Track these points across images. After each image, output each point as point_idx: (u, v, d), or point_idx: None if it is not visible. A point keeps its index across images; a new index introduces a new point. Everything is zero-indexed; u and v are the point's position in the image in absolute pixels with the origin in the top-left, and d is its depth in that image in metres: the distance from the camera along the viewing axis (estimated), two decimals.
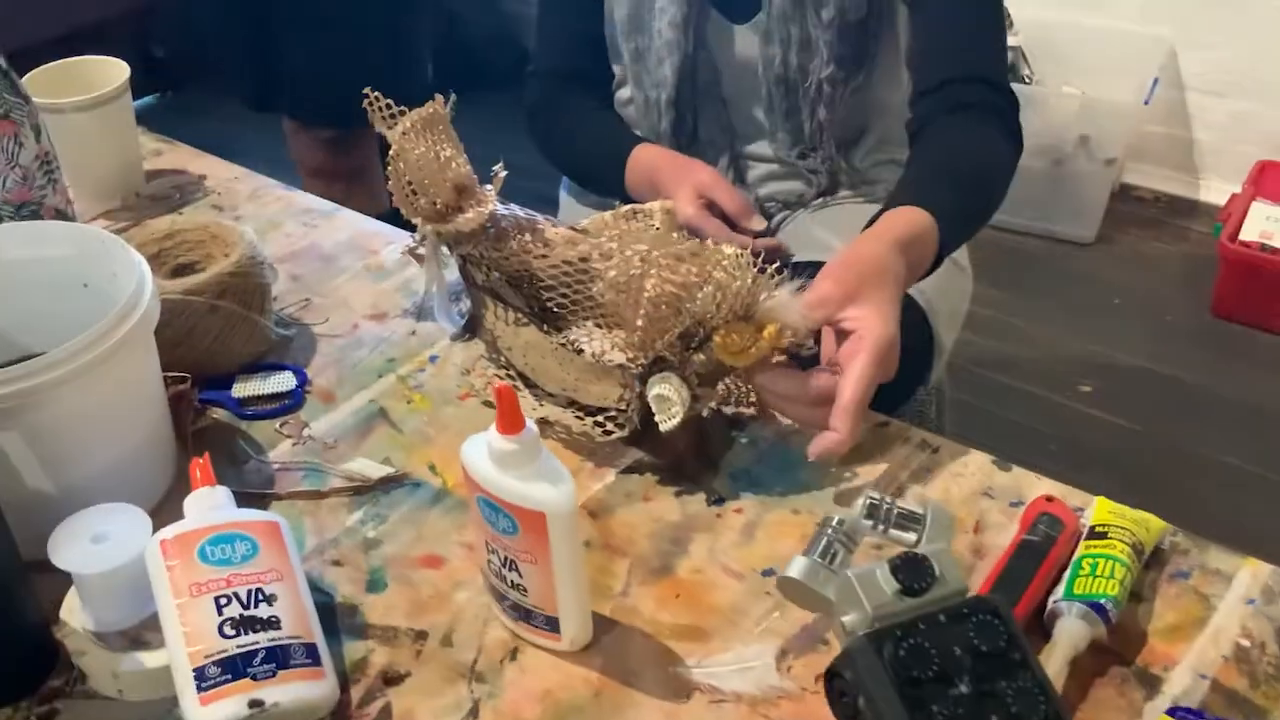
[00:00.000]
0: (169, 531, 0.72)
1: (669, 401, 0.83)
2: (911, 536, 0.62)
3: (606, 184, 1.34)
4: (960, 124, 1.12)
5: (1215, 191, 2.77)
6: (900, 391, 1.22)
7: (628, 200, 1.31)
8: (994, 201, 1.13)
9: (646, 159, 1.27)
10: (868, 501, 0.63)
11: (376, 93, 0.91)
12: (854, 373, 0.81)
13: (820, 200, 1.29)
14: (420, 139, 0.92)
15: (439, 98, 0.92)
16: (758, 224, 1.17)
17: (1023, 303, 2.45)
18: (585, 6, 1.31)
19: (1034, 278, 2.56)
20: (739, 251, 0.82)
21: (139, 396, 0.83)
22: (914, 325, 1.20)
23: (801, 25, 1.19)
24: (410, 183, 0.92)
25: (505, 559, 0.72)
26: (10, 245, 0.86)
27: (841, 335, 0.86)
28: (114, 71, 1.14)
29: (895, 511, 0.62)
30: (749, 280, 0.82)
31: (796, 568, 0.62)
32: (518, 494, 0.68)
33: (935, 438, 0.89)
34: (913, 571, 0.57)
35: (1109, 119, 2.57)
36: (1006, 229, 2.66)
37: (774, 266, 0.83)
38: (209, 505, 0.74)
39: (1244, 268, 2.34)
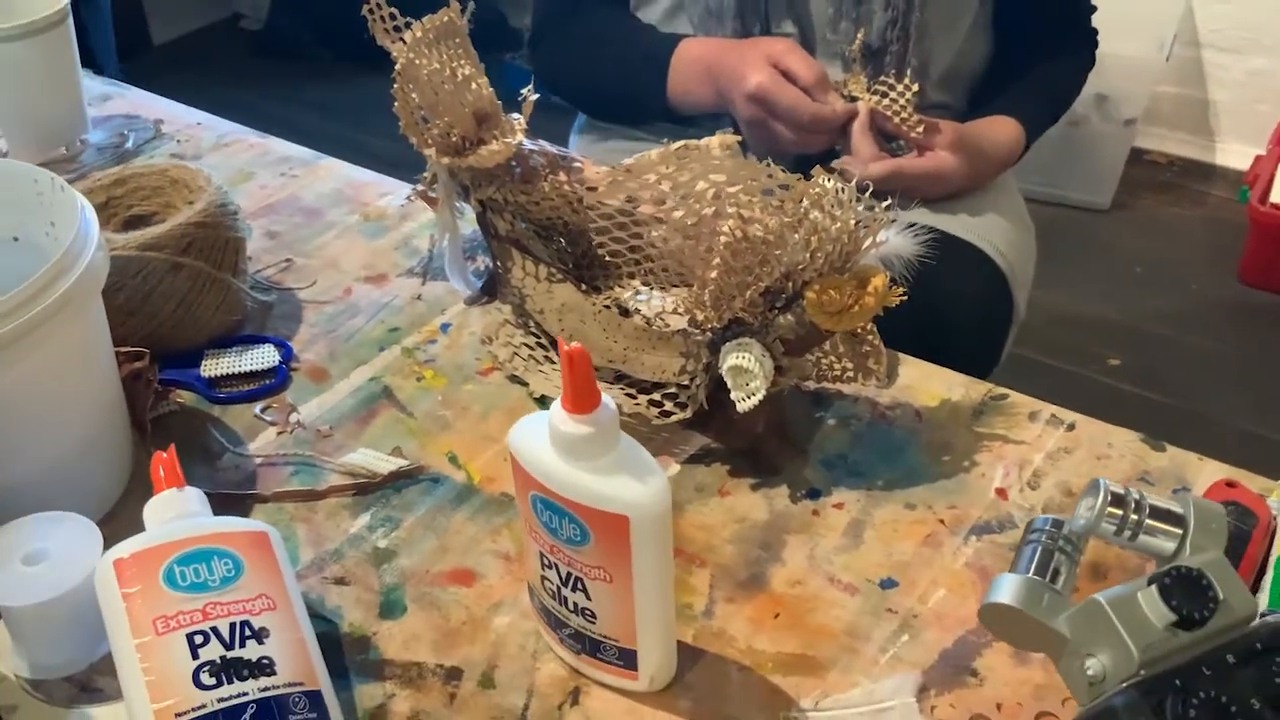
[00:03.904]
0: (125, 548, 0.55)
1: (749, 374, 0.66)
2: (1169, 545, 0.45)
3: (641, 101, 1.18)
4: (1046, 56, 1.20)
5: (1233, 155, 2.65)
6: (988, 360, 1.08)
7: (668, 117, 1.16)
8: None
9: (698, 50, 1.11)
10: (1108, 494, 0.46)
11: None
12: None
13: None
14: (433, 53, 0.75)
15: (454, 4, 0.75)
16: (836, 102, 1.04)
17: (1041, 273, 2.31)
18: None
19: (1050, 245, 2.40)
20: (840, 185, 0.66)
21: (83, 377, 0.66)
22: (994, 290, 1.07)
23: None
24: (420, 107, 0.75)
25: (568, 575, 0.55)
26: None
27: None
28: None
29: (1147, 509, 0.45)
30: (851, 221, 0.65)
31: (1008, 590, 0.46)
32: (592, 493, 0.51)
33: (1068, 413, 0.74)
34: (1190, 594, 0.41)
35: (1127, 77, 2.43)
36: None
37: (885, 204, 0.66)
38: (176, 513, 0.57)
39: (1277, 231, 2.20)
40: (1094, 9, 1.28)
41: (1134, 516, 0.46)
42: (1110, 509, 0.46)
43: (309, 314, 0.84)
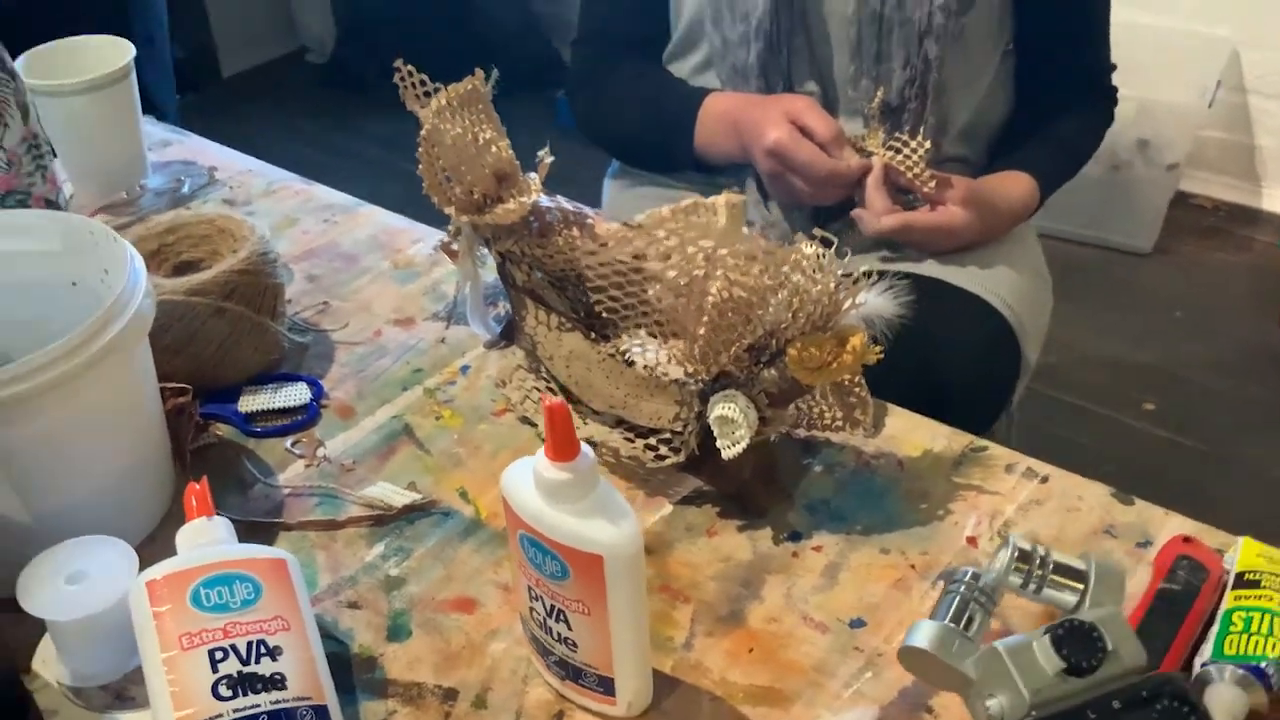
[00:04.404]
0: (157, 570, 0.61)
1: (733, 424, 0.72)
2: (1070, 598, 0.50)
3: (670, 150, 1.24)
4: (1068, 114, 1.24)
5: (1279, 200, 2.64)
6: (988, 413, 1.12)
7: (698, 167, 1.22)
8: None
9: (723, 104, 1.18)
10: (1015, 552, 0.50)
11: (410, 66, 0.81)
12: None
13: None
14: (457, 118, 0.81)
15: (479, 73, 0.81)
16: (851, 157, 1.09)
17: (1079, 315, 2.33)
18: None
19: (1090, 288, 2.44)
20: (820, 251, 0.71)
21: (130, 411, 0.73)
22: (1000, 343, 1.11)
23: None
24: (444, 168, 0.81)
25: (552, 608, 0.60)
26: None
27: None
28: (117, 52, 1.04)
29: (1051, 565, 0.50)
30: (831, 284, 0.70)
31: (924, 635, 0.51)
32: (570, 532, 0.57)
33: (1043, 466, 0.78)
34: (1081, 644, 0.46)
35: (1169, 122, 2.44)
36: (1060, 237, 2.54)
37: (862, 270, 0.71)
38: (205, 540, 0.63)
39: None
40: (1114, 67, 1.31)
41: (1039, 572, 0.50)
42: (1017, 564, 0.50)
43: (340, 354, 0.91)
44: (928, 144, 1.11)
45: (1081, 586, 0.50)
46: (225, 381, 0.85)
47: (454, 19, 3.07)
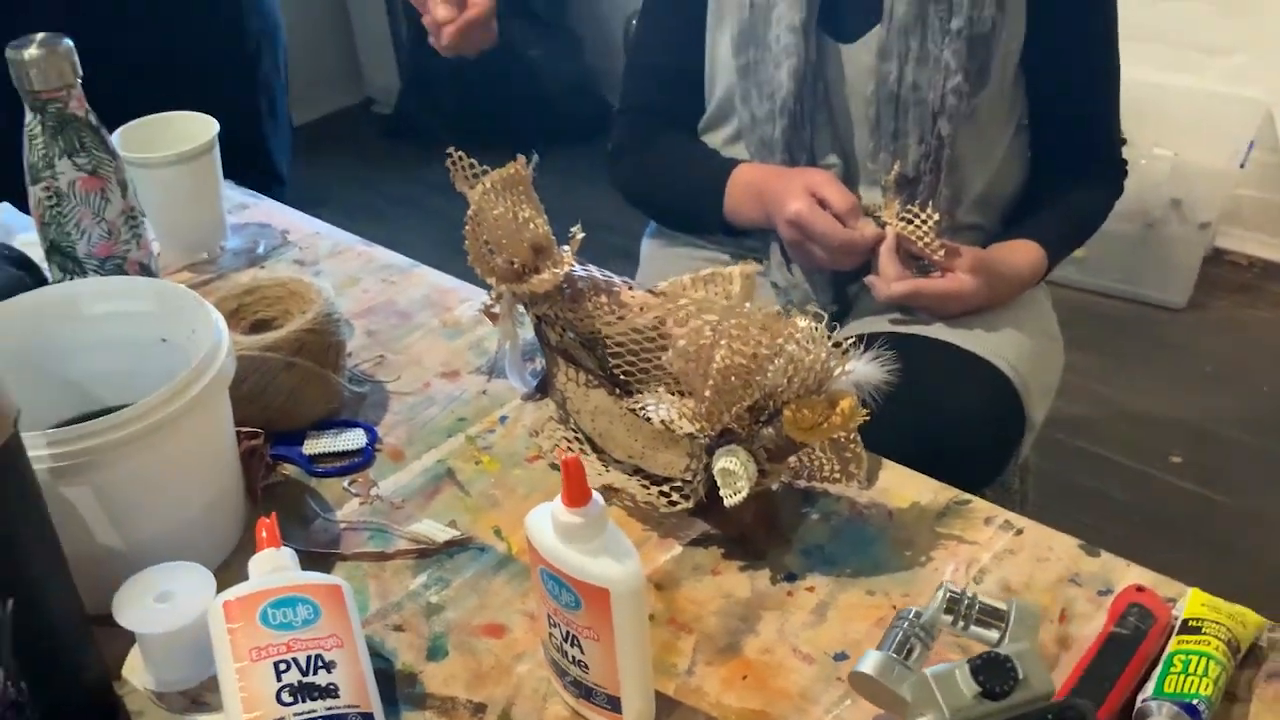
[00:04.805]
0: (232, 593, 0.71)
1: (734, 476, 0.81)
2: (993, 635, 0.59)
3: (702, 215, 1.35)
4: (1075, 185, 1.32)
5: None
6: (992, 468, 1.19)
7: (726, 231, 1.32)
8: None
9: (750, 175, 1.28)
10: (947, 595, 0.60)
11: (460, 152, 0.92)
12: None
13: None
14: (500, 199, 0.91)
15: (520, 158, 0.92)
16: (866, 228, 1.18)
17: (1110, 368, 2.38)
18: (683, 39, 1.33)
19: (1123, 343, 2.49)
20: (813, 325, 0.80)
21: (211, 453, 0.84)
22: (1004, 403, 1.18)
23: (923, 39, 1.20)
24: (488, 242, 0.91)
25: (567, 634, 0.70)
26: (93, 300, 0.87)
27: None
28: (203, 127, 1.17)
29: (977, 607, 0.59)
30: (823, 354, 0.79)
31: (870, 663, 0.60)
32: (581, 569, 0.66)
33: (1019, 519, 0.86)
34: (994, 673, 0.54)
35: (1202, 182, 2.50)
36: (1095, 291, 2.60)
37: (849, 340, 0.80)
38: (273, 567, 0.74)
39: None
40: (1124, 141, 1.39)
41: (965, 612, 0.59)
42: (949, 605, 0.59)
43: (393, 403, 1.01)
44: (937, 216, 1.20)
45: (1002, 625, 0.59)
46: (292, 426, 0.95)
47: (511, 73, 3.20)
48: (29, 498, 0.66)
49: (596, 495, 0.66)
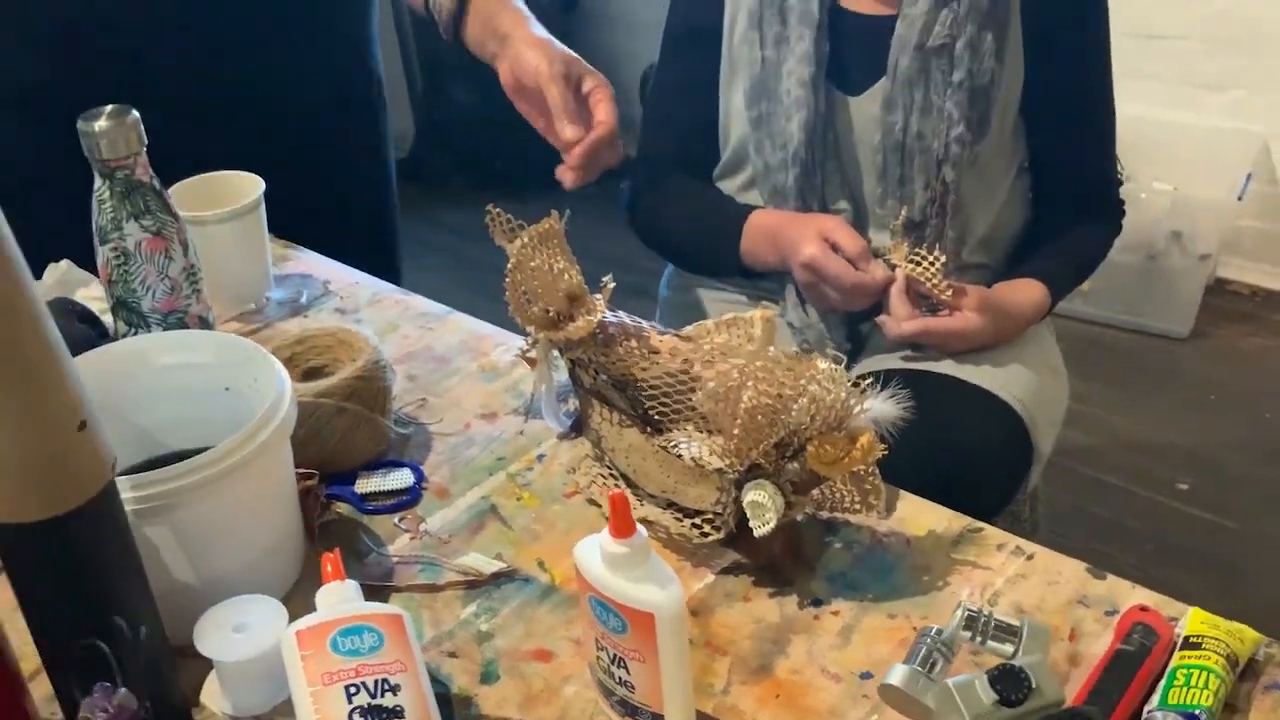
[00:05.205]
0: (303, 623, 0.77)
1: (763, 508, 0.87)
2: (1008, 648, 0.65)
3: (718, 257, 1.41)
4: (1075, 224, 1.40)
5: None
6: (1002, 496, 1.25)
7: (744, 274, 1.39)
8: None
9: (765, 220, 1.35)
10: (965, 613, 0.66)
11: (498, 209, 0.98)
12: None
13: None
14: (537, 251, 0.98)
15: (554, 213, 0.99)
16: (877, 270, 1.24)
17: (1116, 397, 2.44)
18: (699, 92, 1.40)
19: (1128, 372, 2.55)
20: (833, 366, 0.87)
21: (276, 494, 0.90)
22: (1012, 436, 1.24)
23: (926, 91, 1.27)
24: (525, 292, 0.98)
25: (614, 656, 0.76)
26: (161, 353, 0.94)
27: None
28: (250, 185, 1.24)
29: (992, 624, 0.65)
30: (843, 393, 0.86)
31: (897, 676, 0.66)
32: (628, 595, 0.72)
33: (1030, 545, 0.91)
34: (1010, 683, 0.60)
35: (1201, 215, 2.57)
36: (1099, 322, 2.66)
37: (868, 379, 0.87)
38: (339, 598, 0.80)
39: None
40: (1121, 183, 1.46)
41: (982, 629, 0.65)
42: (967, 623, 0.65)
43: (437, 444, 1.08)
44: (944, 258, 1.26)
45: (1016, 640, 0.65)
46: (344, 468, 1.02)
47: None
48: (123, 536, 0.72)
49: (640, 527, 0.72)
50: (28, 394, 0.63)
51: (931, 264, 1.27)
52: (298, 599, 0.89)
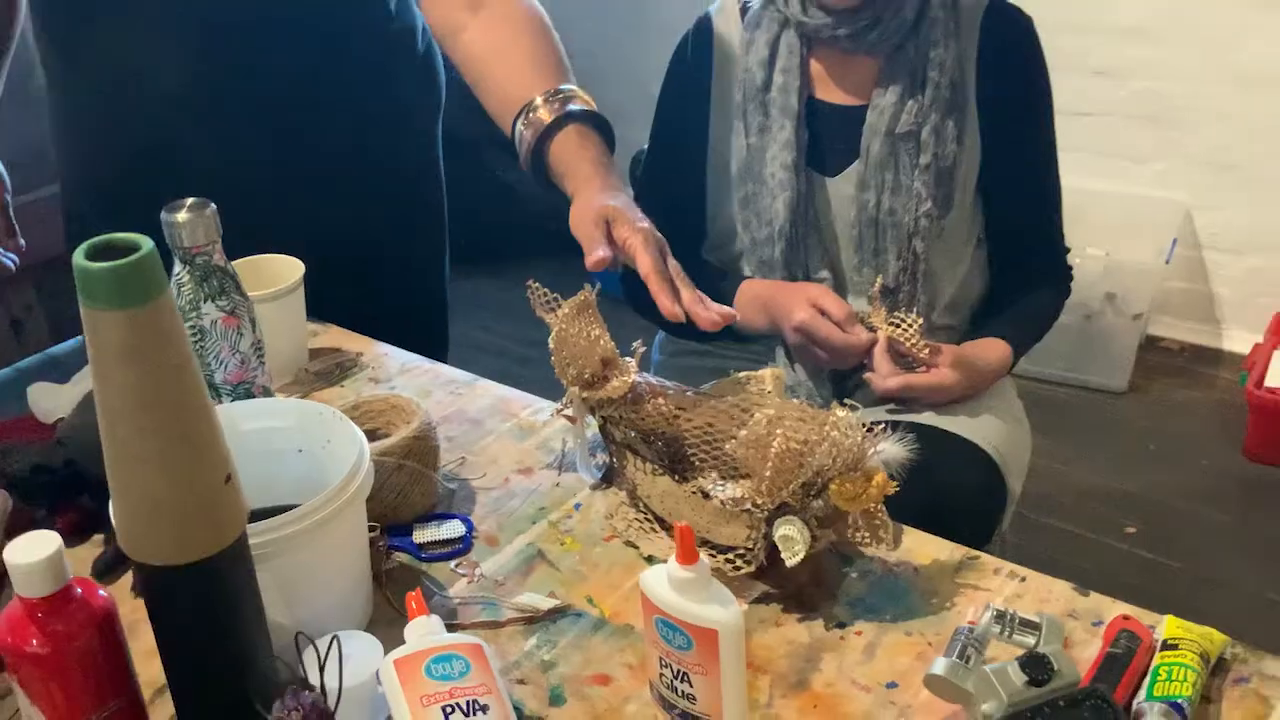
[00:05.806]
0: (399, 653, 0.87)
1: (793, 541, 0.99)
2: (1031, 640, 0.77)
3: None
4: (1029, 288, 1.55)
5: (1238, 340, 2.95)
6: (983, 532, 1.38)
7: (733, 338, 1.51)
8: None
9: (756, 289, 1.48)
10: (994, 612, 0.78)
11: (536, 283, 1.10)
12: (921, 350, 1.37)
13: None
14: (573, 321, 1.10)
15: (588, 286, 1.11)
16: (861, 333, 1.37)
17: (1063, 449, 2.60)
18: (687, 174, 1.54)
19: (1071, 426, 2.72)
20: (850, 415, 0.99)
21: (354, 544, 1.00)
22: (988, 478, 1.37)
23: (896, 172, 1.42)
24: (566, 358, 1.10)
25: (678, 671, 0.86)
26: (244, 419, 1.03)
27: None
28: (291, 267, 1.34)
29: (1017, 620, 0.77)
30: (859, 438, 0.98)
31: (940, 666, 0.77)
32: (694, 614, 0.83)
33: (1022, 569, 1.04)
34: (1037, 667, 0.72)
35: (1132, 277, 2.77)
36: (1043, 379, 2.84)
37: (880, 427, 0.99)
38: (427, 631, 0.90)
39: (1272, 412, 2.49)
40: (1068, 250, 1.61)
41: (1009, 624, 0.77)
42: (995, 620, 0.77)
43: (481, 497, 1.18)
44: (920, 320, 1.40)
45: (1037, 632, 0.77)
46: (402, 520, 1.12)
47: (503, 206, 3.34)
48: (252, 580, 0.82)
49: (703, 555, 0.84)
50: (189, 450, 0.74)
51: (910, 326, 1.41)
52: (374, 635, 0.99)
